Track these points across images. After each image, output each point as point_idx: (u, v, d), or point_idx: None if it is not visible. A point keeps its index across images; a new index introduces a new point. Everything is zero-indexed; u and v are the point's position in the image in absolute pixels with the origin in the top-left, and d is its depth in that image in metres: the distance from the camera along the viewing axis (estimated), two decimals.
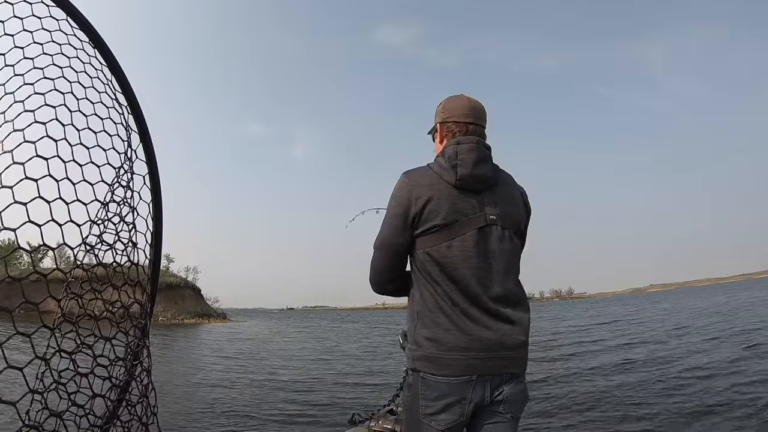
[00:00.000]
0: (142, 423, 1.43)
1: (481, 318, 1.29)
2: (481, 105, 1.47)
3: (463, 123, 1.42)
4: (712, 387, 6.73)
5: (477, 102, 1.47)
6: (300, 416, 6.42)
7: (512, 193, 1.43)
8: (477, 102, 1.47)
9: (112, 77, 1.58)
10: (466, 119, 1.43)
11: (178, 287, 46.80)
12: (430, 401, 1.27)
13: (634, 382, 7.68)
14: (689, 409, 5.71)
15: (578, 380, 8.19)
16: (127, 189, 1.48)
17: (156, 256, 1.64)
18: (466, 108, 1.44)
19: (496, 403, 1.30)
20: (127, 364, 1.45)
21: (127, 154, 1.49)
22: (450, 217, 1.31)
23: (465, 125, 1.42)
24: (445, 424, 1.26)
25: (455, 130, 1.43)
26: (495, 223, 1.34)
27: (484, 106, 1.48)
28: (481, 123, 1.45)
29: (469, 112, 1.43)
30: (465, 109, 1.44)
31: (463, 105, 1.45)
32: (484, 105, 1.49)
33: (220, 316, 51.85)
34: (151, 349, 1.58)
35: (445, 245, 1.31)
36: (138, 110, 1.61)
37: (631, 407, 6.03)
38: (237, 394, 8.23)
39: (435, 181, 1.34)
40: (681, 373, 7.97)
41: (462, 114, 1.43)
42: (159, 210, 1.65)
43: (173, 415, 6.27)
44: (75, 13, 1.52)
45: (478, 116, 1.44)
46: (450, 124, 1.44)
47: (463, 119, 1.43)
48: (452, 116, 1.44)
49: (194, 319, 45.01)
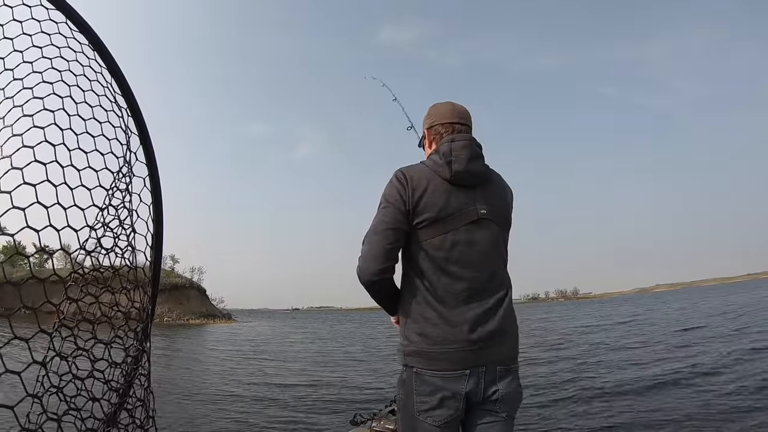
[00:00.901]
0: (141, 427, 1.43)
1: (470, 311, 1.31)
2: (465, 108, 1.53)
3: (449, 123, 1.48)
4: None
5: (461, 106, 1.53)
6: (302, 417, 6.44)
7: (502, 190, 1.49)
8: (461, 106, 1.53)
9: (111, 80, 1.58)
10: (451, 119, 1.48)
11: (183, 288, 47.02)
12: (425, 396, 1.28)
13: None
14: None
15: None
16: (125, 192, 1.48)
17: (156, 258, 1.64)
18: (451, 111, 1.50)
19: (491, 402, 1.31)
20: (127, 368, 1.45)
21: (126, 158, 1.49)
22: (444, 211, 1.34)
23: (451, 125, 1.48)
24: (441, 420, 1.27)
25: (442, 132, 1.48)
26: (486, 218, 1.38)
27: (468, 110, 1.54)
28: (467, 123, 1.50)
29: (454, 113, 1.50)
30: (449, 112, 1.50)
31: (447, 109, 1.51)
32: (468, 109, 1.54)
33: (225, 316, 52.05)
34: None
35: (438, 239, 1.33)
36: (138, 112, 1.61)
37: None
38: (238, 394, 8.26)
39: (430, 176, 1.37)
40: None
41: (447, 116, 1.49)
42: (159, 212, 1.64)
43: (173, 419, 6.27)
44: (74, 16, 1.52)
45: (463, 117, 1.50)
46: (437, 126, 1.50)
47: (448, 120, 1.48)
48: (438, 120, 1.50)
49: (199, 319, 45.19)
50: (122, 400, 1.40)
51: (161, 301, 42.47)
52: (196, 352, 17.27)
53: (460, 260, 1.32)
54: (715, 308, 26.60)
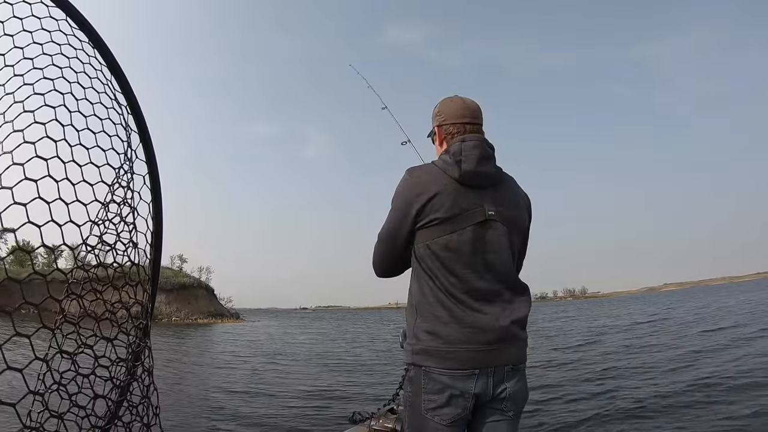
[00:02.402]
0: (144, 423, 1.42)
1: (479, 311, 1.30)
2: (476, 104, 1.51)
3: (460, 123, 1.47)
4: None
5: (471, 101, 1.51)
6: (302, 415, 6.45)
7: (514, 194, 1.46)
8: (471, 101, 1.51)
9: (111, 77, 1.58)
10: (462, 119, 1.47)
11: (192, 287, 47.28)
12: (433, 395, 1.28)
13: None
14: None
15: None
16: (127, 189, 1.47)
17: (156, 256, 1.64)
18: (461, 108, 1.48)
19: (499, 400, 1.31)
20: (129, 365, 1.45)
21: (126, 155, 1.49)
22: (451, 211, 1.33)
23: (462, 125, 1.46)
24: (449, 419, 1.27)
25: (453, 132, 1.47)
26: (494, 218, 1.36)
27: (478, 105, 1.52)
28: (478, 121, 1.49)
29: (465, 112, 1.48)
30: (460, 110, 1.48)
31: (457, 106, 1.49)
32: (479, 104, 1.52)
33: (233, 315, 52.32)
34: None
35: (445, 238, 1.32)
36: (138, 110, 1.61)
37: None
38: (240, 393, 8.29)
39: (439, 176, 1.36)
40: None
41: (458, 115, 1.48)
42: (159, 210, 1.64)
43: (178, 415, 6.30)
44: (74, 13, 1.52)
45: (473, 115, 1.48)
46: (447, 126, 1.48)
47: (459, 120, 1.47)
48: (448, 118, 1.49)
49: (207, 318, 45.46)
50: (124, 396, 1.40)
51: (169, 301, 42.73)
52: (203, 351, 17.37)
53: (467, 261, 1.32)
54: (735, 307, 25.91)
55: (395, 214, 1.39)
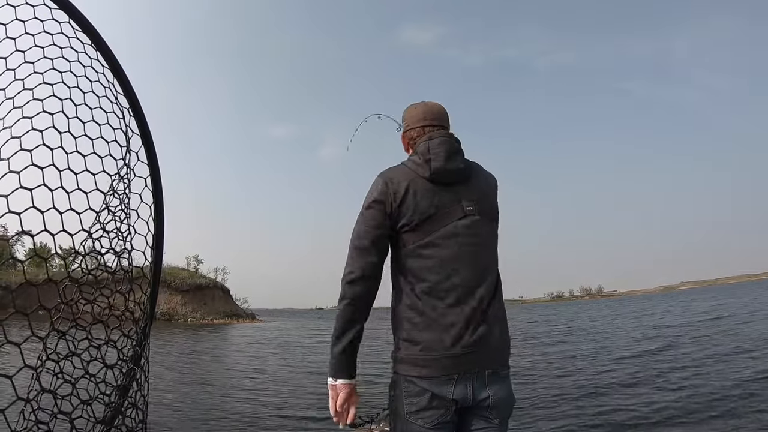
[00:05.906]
0: (143, 423, 1.41)
1: (458, 315, 1.29)
2: (439, 106, 1.52)
3: (420, 127, 1.47)
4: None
5: (434, 104, 1.52)
6: (302, 417, 6.41)
7: (486, 183, 1.46)
8: (434, 104, 1.52)
9: (114, 80, 1.57)
10: (423, 123, 1.47)
11: (207, 288, 47.84)
12: (413, 398, 1.28)
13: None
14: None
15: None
16: (123, 195, 1.46)
17: (157, 258, 1.62)
18: (422, 112, 1.49)
19: (483, 408, 1.30)
20: (125, 368, 1.44)
21: (125, 160, 1.47)
22: (427, 212, 1.32)
23: (422, 129, 1.47)
24: (432, 422, 1.26)
25: (415, 135, 1.48)
26: (472, 213, 1.35)
27: (443, 107, 1.53)
28: (441, 123, 1.49)
29: (426, 115, 1.48)
30: (420, 114, 1.49)
31: (419, 111, 1.50)
32: (445, 106, 1.53)
33: (249, 316, 52.76)
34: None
35: (423, 242, 1.32)
36: (140, 113, 1.61)
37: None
38: (241, 393, 8.28)
39: (410, 176, 1.36)
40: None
41: (419, 119, 1.48)
42: (160, 212, 1.63)
43: (176, 417, 6.31)
44: (77, 16, 1.51)
45: (434, 117, 1.48)
46: (410, 131, 1.50)
47: (420, 123, 1.48)
48: (411, 124, 1.50)
49: (223, 319, 45.97)
50: (121, 399, 1.39)
51: (185, 302, 43.33)
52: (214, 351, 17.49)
53: (447, 261, 1.30)
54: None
55: (369, 216, 1.35)
